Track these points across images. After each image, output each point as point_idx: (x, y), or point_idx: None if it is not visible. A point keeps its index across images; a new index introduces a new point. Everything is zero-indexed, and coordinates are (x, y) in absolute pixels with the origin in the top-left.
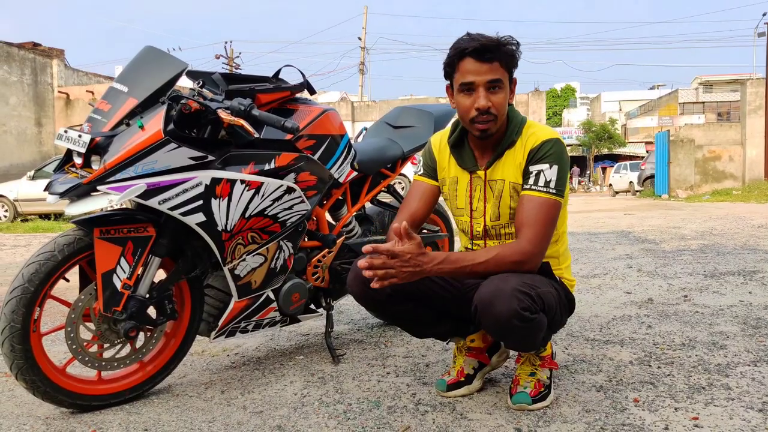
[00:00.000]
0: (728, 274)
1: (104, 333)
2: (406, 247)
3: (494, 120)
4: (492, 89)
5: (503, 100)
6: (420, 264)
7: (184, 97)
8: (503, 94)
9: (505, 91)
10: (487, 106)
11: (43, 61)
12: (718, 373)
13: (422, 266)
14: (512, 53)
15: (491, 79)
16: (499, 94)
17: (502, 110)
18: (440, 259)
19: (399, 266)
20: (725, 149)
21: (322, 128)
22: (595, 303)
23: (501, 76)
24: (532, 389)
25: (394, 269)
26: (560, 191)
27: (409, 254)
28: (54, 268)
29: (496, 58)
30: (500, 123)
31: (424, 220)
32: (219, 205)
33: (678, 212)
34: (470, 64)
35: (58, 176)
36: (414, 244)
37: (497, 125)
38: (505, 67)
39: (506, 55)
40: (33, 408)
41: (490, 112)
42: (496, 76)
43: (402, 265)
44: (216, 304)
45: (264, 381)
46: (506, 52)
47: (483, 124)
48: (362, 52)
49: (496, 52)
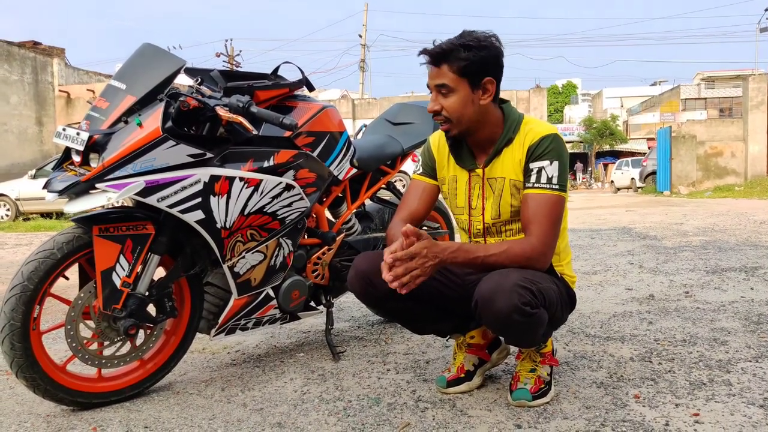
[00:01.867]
0: (730, 270)
1: (104, 331)
2: (420, 244)
3: (449, 122)
4: (442, 93)
5: (455, 104)
6: (437, 254)
7: (182, 94)
8: (454, 98)
9: (457, 94)
10: (435, 109)
11: (43, 60)
12: (719, 369)
13: (440, 258)
14: (468, 57)
15: (438, 83)
16: (450, 98)
17: (453, 113)
18: (454, 248)
19: (421, 263)
20: (727, 145)
21: (321, 125)
22: (596, 299)
23: (448, 81)
24: (533, 385)
25: (418, 269)
26: (563, 186)
27: (425, 248)
28: (53, 266)
29: (443, 63)
30: (463, 126)
31: (423, 219)
32: (218, 202)
33: (680, 209)
34: (428, 68)
35: (57, 174)
36: (424, 240)
37: (458, 127)
38: (455, 72)
39: (457, 59)
40: (34, 406)
41: (441, 114)
42: (443, 80)
43: (424, 262)
44: (216, 301)
45: (264, 378)
46: (458, 57)
47: (441, 125)
48: (363, 49)
49: (444, 57)
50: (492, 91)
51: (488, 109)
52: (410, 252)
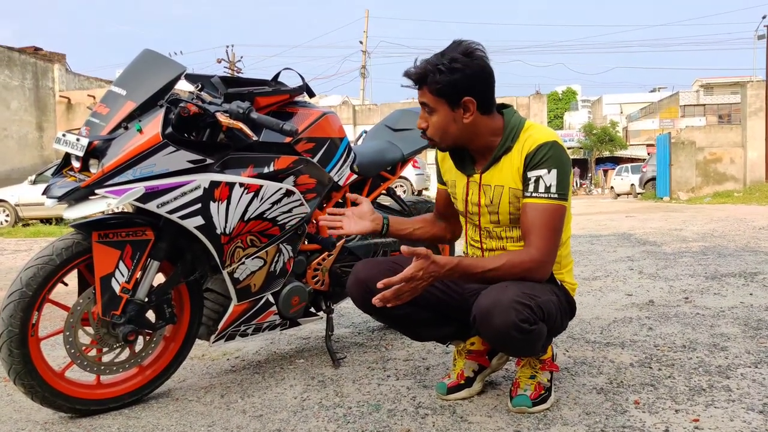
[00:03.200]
0: (729, 276)
1: (103, 337)
2: (416, 266)
3: (432, 139)
4: (426, 112)
5: (437, 123)
6: (433, 274)
7: (182, 100)
8: (436, 117)
9: (438, 114)
10: (422, 126)
11: (44, 66)
12: (718, 374)
13: (436, 275)
14: (440, 81)
15: (421, 101)
16: (433, 116)
17: (436, 132)
18: (452, 266)
19: (413, 286)
20: (726, 151)
21: (322, 131)
22: (596, 305)
23: (428, 101)
24: (533, 392)
25: (408, 291)
26: (562, 195)
27: (422, 270)
28: (52, 272)
29: (424, 85)
30: (447, 143)
31: (453, 214)
32: (218, 208)
33: (679, 214)
34: None
35: (57, 180)
36: (421, 260)
37: (442, 145)
38: (434, 93)
39: (432, 83)
40: (31, 413)
41: (426, 132)
42: (423, 99)
43: (417, 284)
44: (215, 307)
45: (264, 385)
46: (433, 80)
47: (429, 141)
48: (363, 55)
49: (421, 80)
50: (473, 110)
51: (476, 123)
52: (405, 276)
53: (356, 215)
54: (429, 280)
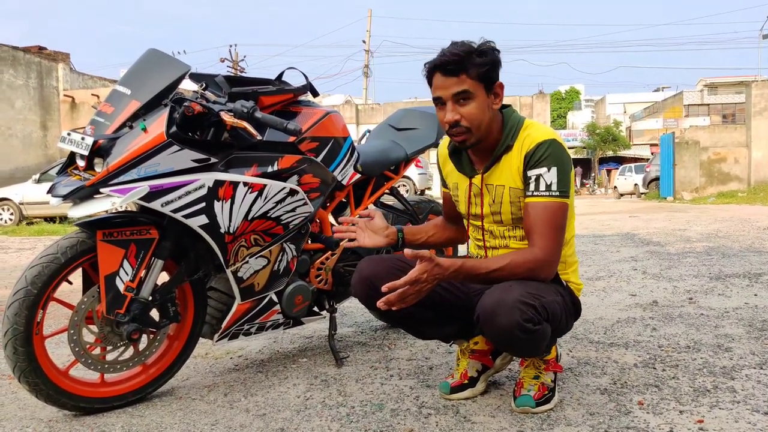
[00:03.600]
0: (733, 277)
1: (107, 335)
2: (420, 268)
3: (468, 131)
4: (461, 101)
5: (475, 110)
6: (437, 276)
7: (187, 99)
8: (474, 105)
9: (477, 100)
10: (454, 119)
11: (48, 65)
12: (723, 375)
13: (440, 277)
14: (483, 62)
15: (457, 91)
16: (469, 104)
17: (474, 121)
18: (455, 267)
19: (417, 289)
20: (730, 151)
21: (325, 130)
22: (600, 305)
23: (469, 87)
24: (536, 392)
25: (413, 294)
26: (564, 192)
27: (425, 273)
28: (57, 271)
29: (461, 70)
30: (480, 132)
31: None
32: (222, 207)
33: (683, 214)
34: (438, 79)
35: (62, 179)
36: (425, 263)
37: (476, 135)
38: (475, 78)
39: (474, 65)
40: (36, 411)
41: (460, 124)
42: (462, 87)
43: (421, 287)
44: (219, 306)
45: (267, 384)
46: (474, 62)
47: (457, 136)
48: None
49: (461, 64)
50: (502, 96)
51: (496, 115)
52: (410, 279)
53: (370, 229)
54: (433, 283)
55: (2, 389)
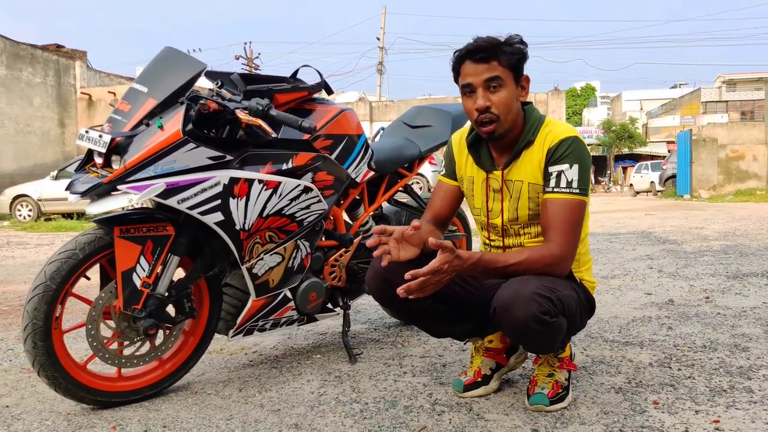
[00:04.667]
0: (751, 276)
1: (124, 331)
2: (441, 259)
3: (497, 119)
4: (492, 88)
5: (505, 98)
6: (457, 268)
7: (202, 97)
8: (505, 92)
9: (507, 88)
10: (485, 105)
11: (66, 63)
12: (740, 375)
13: (459, 269)
14: (513, 51)
15: (488, 77)
16: (500, 92)
17: (504, 109)
18: (474, 260)
19: (437, 279)
20: (749, 149)
21: (340, 128)
22: (615, 304)
23: (500, 74)
24: (550, 390)
25: (432, 284)
26: (584, 190)
27: (447, 263)
28: (75, 267)
29: (493, 57)
30: (508, 123)
31: (448, 218)
32: (237, 204)
33: (700, 212)
34: (468, 67)
35: (80, 176)
36: (447, 253)
37: (504, 125)
38: (505, 65)
39: (505, 53)
40: (55, 404)
41: (491, 111)
42: (494, 73)
43: (441, 278)
44: (234, 302)
45: (281, 379)
46: (505, 50)
47: (486, 125)
48: (380, 52)
49: (493, 51)
50: (528, 90)
51: (519, 109)
52: (432, 269)
53: (407, 240)
54: (452, 274)
55: (22, 383)
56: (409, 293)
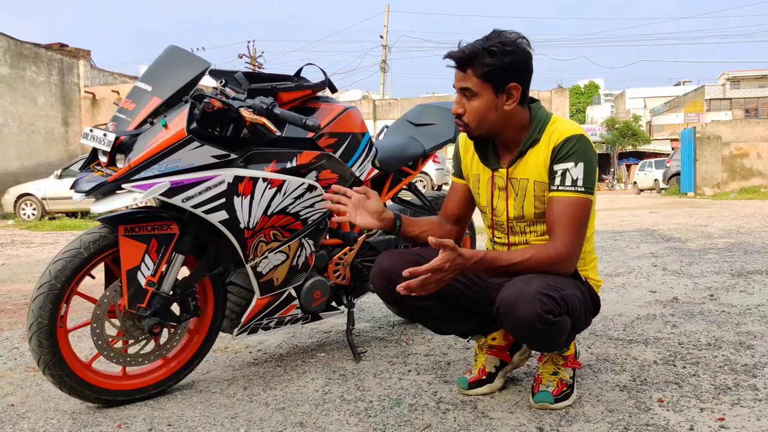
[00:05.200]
0: (756, 273)
1: (129, 329)
2: (443, 257)
3: (467, 126)
4: (465, 96)
5: (477, 108)
6: (459, 266)
7: (207, 95)
8: (477, 102)
9: (480, 99)
10: (458, 111)
11: (70, 62)
12: (745, 373)
13: (461, 267)
14: (490, 63)
15: (462, 87)
16: (473, 101)
17: (473, 117)
18: (477, 258)
19: (439, 278)
20: (753, 146)
21: (344, 126)
22: (619, 302)
23: (471, 85)
24: (555, 388)
25: (433, 283)
26: (589, 189)
27: (448, 262)
28: (80, 265)
29: (468, 67)
30: (482, 130)
31: (462, 217)
32: (241, 202)
33: (704, 210)
34: (454, 71)
35: (84, 175)
36: (448, 251)
37: (475, 131)
38: (479, 76)
39: (481, 64)
40: (60, 402)
41: (462, 118)
42: (467, 84)
43: (442, 276)
44: (238, 301)
45: (286, 378)
46: (482, 61)
47: (461, 127)
48: (384, 50)
49: (468, 62)
50: (516, 97)
51: (513, 113)
52: (433, 267)
53: (364, 208)
54: (454, 272)
55: (27, 381)
56: (409, 291)
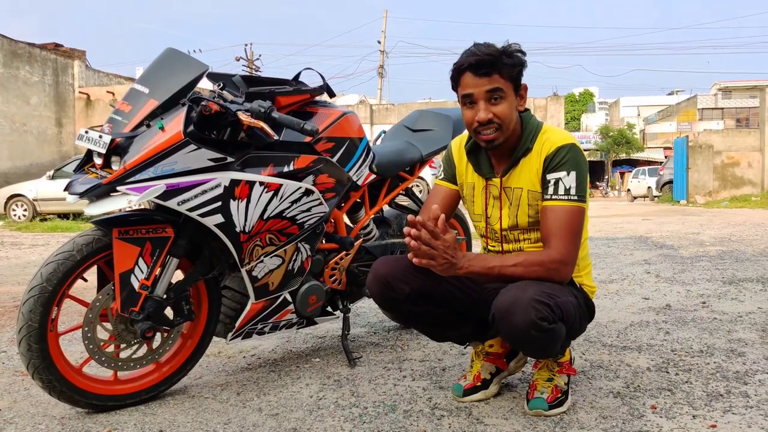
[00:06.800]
0: (747, 281)
1: (121, 333)
2: (446, 237)
3: (499, 129)
4: (493, 100)
5: (506, 109)
6: (455, 257)
7: (204, 98)
8: (506, 104)
9: (508, 100)
10: (487, 118)
11: (64, 62)
12: (736, 380)
13: (457, 260)
14: (513, 63)
15: (490, 89)
16: (502, 104)
17: (506, 119)
18: (471, 258)
19: (441, 250)
20: (744, 155)
21: (341, 131)
22: (613, 308)
23: (501, 86)
24: (549, 395)
25: (436, 251)
26: (582, 197)
27: (449, 243)
28: (72, 268)
29: (495, 71)
30: (508, 132)
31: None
32: (238, 206)
33: (696, 218)
34: (469, 79)
35: (79, 176)
36: (451, 237)
37: (504, 134)
38: (506, 78)
39: (506, 65)
40: (49, 407)
41: (493, 121)
42: (496, 85)
43: (444, 250)
44: (233, 305)
45: (280, 383)
46: (506, 63)
47: (486, 134)
48: (381, 55)
49: (494, 65)
50: (526, 98)
51: (517, 118)
52: (436, 231)
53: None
54: (451, 261)
55: (15, 386)
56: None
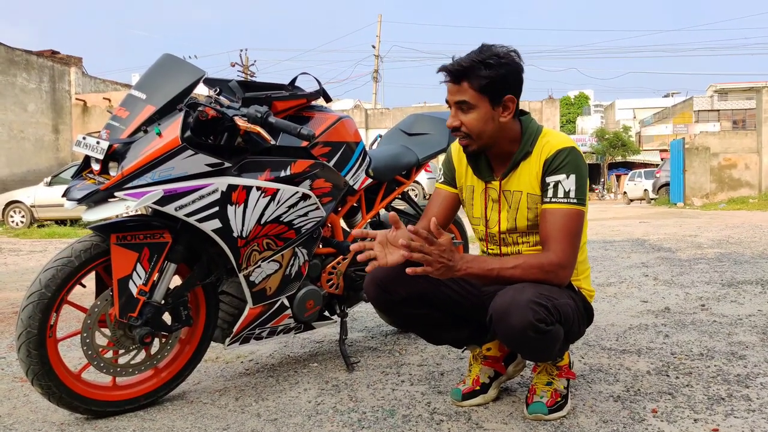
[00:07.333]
0: (746, 283)
1: (119, 339)
2: (441, 240)
3: (468, 138)
4: (462, 109)
5: (474, 120)
6: (452, 260)
7: (201, 104)
8: (474, 115)
9: (477, 111)
10: (455, 124)
11: (61, 69)
12: (737, 383)
13: (454, 263)
14: (489, 75)
15: (458, 100)
16: (470, 114)
17: (474, 130)
18: (469, 260)
19: (436, 255)
20: (741, 157)
21: (338, 135)
22: (612, 312)
23: (469, 98)
24: (549, 399)
25: (431, 256)
26: (581, 200)
27: (444, 247)
28: (71, 274)
29: (463, 80)
30: (483, 140)
31: (445, 226)
32: (235, 211)
33: (694, 220)
34: (448, 84)
35: (76, 182)
36: (446, 240)
37: (477, 143)
38: (477, 89)
39: (477, 77)
40: (48, 413)
41: (461, 130)
42: (463, 97)
43: (439, 255)
44: (231, 310)
45: (278, 388)
46: (478, 74)
47: (461, 141)
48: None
49: (462, 74)
50: (512, 109)
51: (507, 125)
52: (432, 238)
53: (391, 242)
54: (447, 264)
55: (14, 392)
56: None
